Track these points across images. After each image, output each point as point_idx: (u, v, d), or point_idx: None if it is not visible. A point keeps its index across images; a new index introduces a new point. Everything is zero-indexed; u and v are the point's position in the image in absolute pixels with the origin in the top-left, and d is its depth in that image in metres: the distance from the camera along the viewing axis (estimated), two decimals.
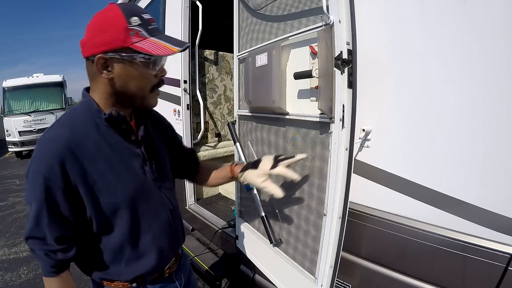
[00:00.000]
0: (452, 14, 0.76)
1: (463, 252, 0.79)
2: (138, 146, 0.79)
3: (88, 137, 0.71)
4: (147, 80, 0.73)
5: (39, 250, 0.73)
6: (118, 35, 0.66)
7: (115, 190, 0.73)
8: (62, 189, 0.68)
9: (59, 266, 0.75)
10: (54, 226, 0.71)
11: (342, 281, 1.11)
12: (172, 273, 0.91)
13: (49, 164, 0.66)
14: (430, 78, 0.83)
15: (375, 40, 0.93)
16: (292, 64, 1.13)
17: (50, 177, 0.66)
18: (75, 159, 0.68)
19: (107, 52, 0.66)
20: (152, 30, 0.69)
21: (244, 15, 1.45)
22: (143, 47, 0.67)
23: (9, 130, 8.03)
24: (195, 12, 2.26)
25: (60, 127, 0.71)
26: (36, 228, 0.70)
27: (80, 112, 0.74)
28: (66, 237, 0.73)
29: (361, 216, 1.02)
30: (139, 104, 0.76)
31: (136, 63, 0.68)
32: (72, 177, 0.68)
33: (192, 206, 2.50)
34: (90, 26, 0.69)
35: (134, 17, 0.67)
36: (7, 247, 3.16)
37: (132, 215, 0.77)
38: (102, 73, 0.69)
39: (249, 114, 1.44)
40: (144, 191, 0.80)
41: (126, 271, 0.80)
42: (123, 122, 0.75)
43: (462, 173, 0.79)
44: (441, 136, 0.82)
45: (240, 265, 1.83)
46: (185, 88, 2.28)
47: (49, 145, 0.68)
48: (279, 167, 0.91)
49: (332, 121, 0.94)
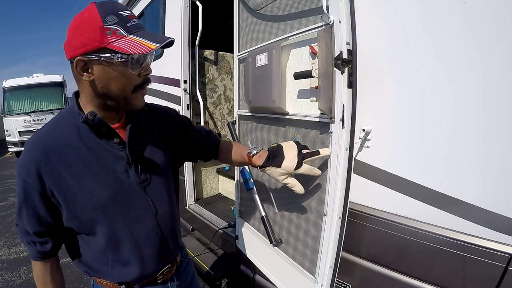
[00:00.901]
0: (452, 14, 0.76)
1: (463, 252, 0.79)
2: (122, 148, 0.77)
3: (68, 141, 0.71)
4: (128, 80, 0.70)
5: (23, 237, 0.77)
6: (95, 35, 0.63)
7: (90, 194, 0.72)
8: (39, 192, 0.70)
9: (41, 254, 0.78)
10: (32, 223, 0.74)
11: (342, 281, 1.11)
12: (167, 279, 0.89)
13: (27, 168, 0.69)
14: (430, 78, 0.83)
15: (375, 40, 0.93)
16: (292, 64, 1.13)
17: (28, 180, 0.69)
18: (50, 164, 0.69)
19: (85, 54, 0.65)
20: (130, 28, 0.66)
21: (244, 15, 1.45)
22: (120, 47, 0.64)
23: (9, 130, 8.03)
24: (195, 12, 2.26)
25: (43, 131, 0.73)
26: (19, 220, 0.75)
27: (65, 115, 0.75)
28: (43, 233, 0.76)
29: (361, 216, 1.02)
30: (123, 105, 0.74)
31: (115, 64, 0.66)
32: (47, 181, 0.70)
33: (192, 206, 2.50)
34: (70, 28, 0.67)
35: (111, 15, 0.65)
36: (7, 247, 3.16)
37: (110, 220, 0.75)
38: (82, 75, 0.68)
39: (249, 114, 1.44)
40: (125, 195, 0.77)
41: (112, 274, 0.80)
42: (101, 125, 0.73)
43: (462, 173, 0.79)
44: (441, 136, 0.82)
45: (240, 265, 1.83)
46: (185, 88, 2.28)
47: (28, 149, 0.71)
48: (304, 166, 0.87)
49: (332, 121, 0.94)
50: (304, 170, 0.88)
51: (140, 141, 0.82)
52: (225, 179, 2.72)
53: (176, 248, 0.92)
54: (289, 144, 0.91)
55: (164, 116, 0.93)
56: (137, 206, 0.79)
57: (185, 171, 2.43)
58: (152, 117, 0.89)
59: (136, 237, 0.79)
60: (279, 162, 0.88)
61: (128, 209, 0.77)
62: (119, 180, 0.76)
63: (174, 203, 0.91)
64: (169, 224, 0.87)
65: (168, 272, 0.89)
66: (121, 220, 0.76)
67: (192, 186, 2.49)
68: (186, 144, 0.98)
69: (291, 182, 0.89)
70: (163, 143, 0.89)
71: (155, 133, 0.87)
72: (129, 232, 0.78)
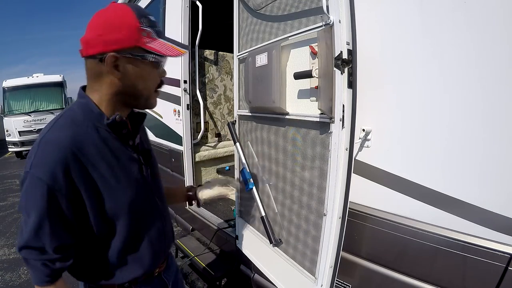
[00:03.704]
0: (452, 14, 0.76)
1: (463, 252, 0.79)
2: (135, 151, 0.79)
3: (91, 141, 0.69)
4: (153, 80, 0.74)
5: (36, 260, 0.69)
6: (132, 34, 0.66)
7: (116, 195, 0.73)
8: (66, 197, 0.65)
9: (54, 274, 0.71)
10: (56, 236, 0.67)
11: (342, 281, 1.11)
12: (161, 272, 0.91)
13: (53, 171, 0.62)
14: (430, 77, 0.83)
15: (375, 40, 0.93)
16: (292, 64, 1.13)
17: (55, 186, 0.63)
18: (78, 163, 0.65)
19: (119, 50, 0.66)
20: (158, 32, 0.71)
21: (244, 15, 1.45)
22: (155, 48, 0.68)
23: (9, 130, 8.03)
24: (195, 12, 2.26)
25: (61, 129, 0.67)
26: (34, 239, 0.66)
27: (79, 113, 0.70)
28: (66, 246, 0.70)
29: (361, 216, 1.02)
30: (143, 104, 0.77)
31: (145, 63, 0.69)
32: (77, 183, 0.66)
33: (192, 206, 2.50)
34: (97, 23, 0.67)
35: (144, 17, 0.68)
36: (7, 247, 3.16)
37: (132, 220, 0.76)
38: (112, 72, 0.67)
39: (249, 114, 1.44)
40: (143, 196, 0.80)
41: (122, 275, 0.79)
42: (124, 127, 0.74)
43: (462, 173, 0.79)
44: (441, 136, 0.82)
45: (240, 265, 1.83)
46: (185, 88, 2.28)
47: (51, 149, 0.64)
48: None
49: (332, 121, 0.94)
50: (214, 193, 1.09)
51: (146, 142, 0.87)
52: None
53: (172, 242, 0.97)
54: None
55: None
56: (152, 205, 0.83)
57: (185, 171, 2.43)
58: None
59: (151, 234, 0.82)
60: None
61: (146, 208, 0.81)
62: (137, 181, 0.78)
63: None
64: (169, 219, 0.94)
65: (163, 264, 0.92)
66: (141, 219, 0.80)
67: None
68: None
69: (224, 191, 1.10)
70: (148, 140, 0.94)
71: (144, 131, 0.91)
72: (146, 230, 0.81)
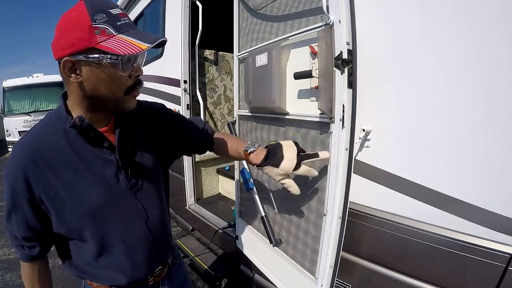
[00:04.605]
0: (452, 14, 0.76)
1: (463, 252, 0.79)
2: (112, 153, 0.73)
3: (56, 146, 0.68)
4: (118, 83, 0.66)
5: (12, 241, 0.76)
6: (83, 35, 0.60)
7: (80, 201, 0.70)
8: (27, 199, 0.68)
9: (29, 257, 0.77)
10: (20, 228, 0.73)
11: (342, 281, 1.11)
12: (158, 281, 0.87)
13: (15, 174, 0.67)
14: (430, 77, 0.83)
15: (375, 40, 0.93)
16: (292, 64, 1.13)
17: (15, 186, 0.67)
18: (38, 169, 0.67)
19: (73, 54, 0.61)
20: (120, 26, 0.63)
21: (244, 15, 1.45)
22: (109, 47, 0.60)
23: (9, 130, 8.03)
24: (195, 12, 2.26)
25: (30, 134, 0.71)
26: (8, 224, 0.74)
27: (53, 118, 0.71)
28: (32, 238, 0.74)
29: (361, 216, 1.02)
30: (114, 108, 0.71)
31: (104, 65, 0.62)
32: (35, 188, 0.67)
33: (192, 206, 2.50)
34: (57, 26, 0.64)
35: (100, 13, 0.61)
36: (7, 247, 3.16)
37: (100, 227, 0.73)
38: (70, 76, 0.64)
39: (249, 114, 1.44)
40: (115, 201, 0.75)
41: (104, 278, 0.79)
42: (89, 130, 0.70)
43: (462, 173, 0.79)
44: (441, 136, 0.82)
45: (240, 265, 1.83)
46: (185, 88, 2.29)
47: (16, 154, 0.68)
48: (303, 167, 0.86)
49: (332, 121, 0.94)
50: (303, 172, 0.86)
51: (130, 144, 0.78)
52: (225, 179, 2.72)
53: (168, 250, 0.91)
54: (288, 143, 0.89)
55: (152, 112, 0.89)
56: (128, 212, 0.77)
57: (185, 171, 2.43)
58: (140, 115, 0.85)
59: (127, 243, 0.77)
60: (278, 162, 0.85)
61: (118, 214, 0.75)
62: (109, 185, 0.73)
63: (165, 206, 0.89)
64: (161, 227, 0.85)
65: (159, 274, 0.87)
66: (112, 226, 0.75)
67: (192, 186, 2.49)
68: (176, 140, 0.94)
69: (287, 182, 0.88)
70: (152, 144, 0.85)
71: (144, 134, 0.84)
72: (120, 238, 0.76)
